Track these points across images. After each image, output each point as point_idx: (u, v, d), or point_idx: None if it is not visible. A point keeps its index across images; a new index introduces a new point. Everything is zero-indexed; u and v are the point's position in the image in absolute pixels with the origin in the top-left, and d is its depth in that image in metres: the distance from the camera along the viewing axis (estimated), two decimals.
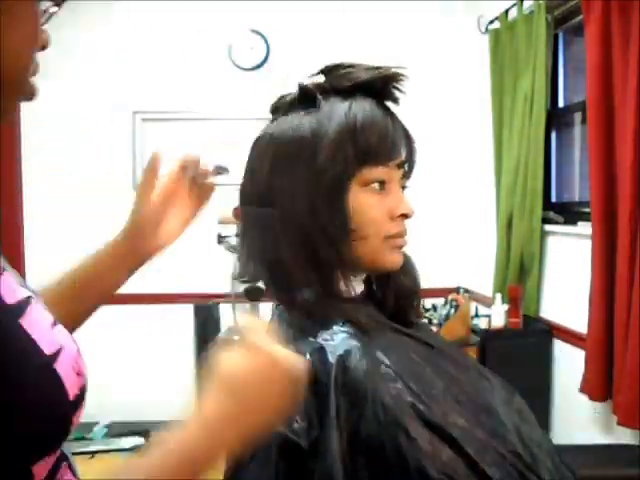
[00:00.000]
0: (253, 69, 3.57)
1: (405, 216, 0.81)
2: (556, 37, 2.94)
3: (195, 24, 3.52)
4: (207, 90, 3.53)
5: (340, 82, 0.78)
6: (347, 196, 0.77)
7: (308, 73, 0.83)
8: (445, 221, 3.57)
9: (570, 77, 2.98)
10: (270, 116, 0.86)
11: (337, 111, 0.77)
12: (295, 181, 0.76)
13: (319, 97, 0.78)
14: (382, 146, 0.78)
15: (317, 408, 0.67)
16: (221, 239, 2.73)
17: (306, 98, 0.79)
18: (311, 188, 0.75)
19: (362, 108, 0.77)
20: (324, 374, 0.69)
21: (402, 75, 0.79)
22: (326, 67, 0.81)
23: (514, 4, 3.00)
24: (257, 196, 0.79)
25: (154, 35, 3.54)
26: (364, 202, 0.78)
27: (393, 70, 0.79)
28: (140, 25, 3.57)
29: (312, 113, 0.78)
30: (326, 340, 0.73)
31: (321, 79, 0.81)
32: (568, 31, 2.93)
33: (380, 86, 0.79)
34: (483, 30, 3.34)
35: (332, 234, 0.76)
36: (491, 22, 3.26)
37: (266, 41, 3.54)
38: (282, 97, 0.83)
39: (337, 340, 0.73)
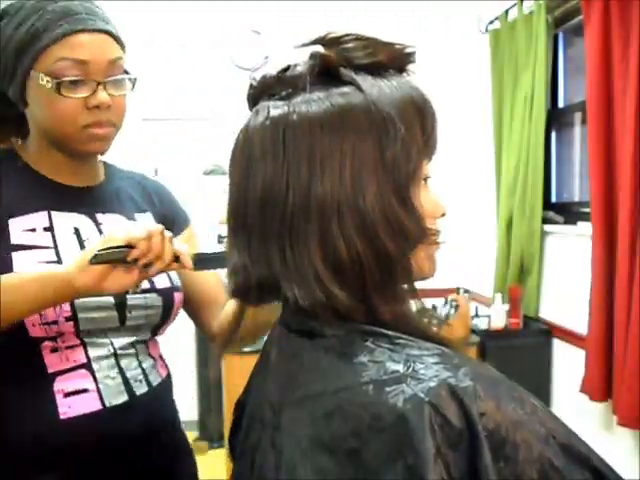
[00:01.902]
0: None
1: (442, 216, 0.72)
2: (556, 37, 2.94)
3: (195, 24, 3.52)
4: (207, 90, 3.53)
5: (359, 57, 0.65)
6: (419, 192, 0.65)
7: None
8: (445, 221, 3.57)
9: (570, 77, 2.98)
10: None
11: (387, 91, 0.63)
12: (360, 174, 0.61)
13: (345, 71, 0.64)
14: (437, 136, 0.68)
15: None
16: (221, 239, 2.73)
17: (325, 72, 0.65)
18: (383, 182, 0.61)
19: (410, 88, 0.66)
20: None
21: (414, 55, 0.69)
22: (325, 38, 0.66)
23: (514, 4, 3.00)
24: (295, 189, 0.61)
25: (154, 35, 3.54)
26: (427, 200, 0.68)
27: (409, 49, 0.68)
28: (140, 25, 3.57)
29: (351, 91, 0.63)
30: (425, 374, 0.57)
31: (319, 49, 0.66)
32: (568, 31, 2.93)
33: (398, 65, 0.68)
34: (483, 30, 3.34)
35: (412, 237, 0.63)
36: (491, 22, 3.26)
37: (266, 41, 3.54)
38: (285, 69, 0.67)
39: (430, 372, 0.57)
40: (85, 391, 0.96)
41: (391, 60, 0.66)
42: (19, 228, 0.97)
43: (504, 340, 2.84)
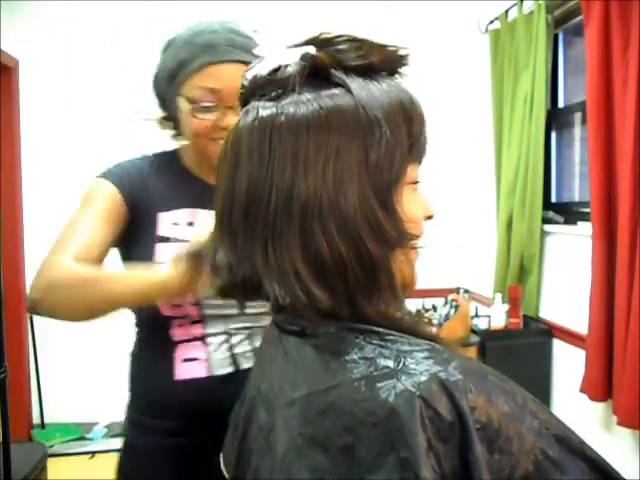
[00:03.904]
0: None
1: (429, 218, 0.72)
2: (556, 37, 2.94)
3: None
4: None
5: (351, 59, 0.65)
6: (401, 197, 0.65)
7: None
8: (445, 221, 3.57)
9: (570, 77, 2.97)
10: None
11: (377, 94, 0.63)
12: (342, 175, 0.61)
13: (336, 73, 0.64)
14: (426, 141, 0.68)
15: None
16: None
17: (315, 73, 0.65)
18: (365, 185, 0.61)
19: (400, 91, 0.66)
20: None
21: (408, 57, 0.70)
22: (318, 39, 0.66)
23: (514, 4, 3.00)
24: (278, 190, 0.61)
25: (154, 35, 3.54)
26: (411, 204, 0.67)
27: (402, 52, 0.69)
28: (140, 25, 3.57)
29: (340, 93, 0.63)
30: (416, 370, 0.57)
31: (311, 50, 0.66)
32: (568, 31, 2.93)
33: (390, 67, 0.68)
34: (483, 30, 3.34)
35: (391, 240, 0.63)
36: (491, 22, 3.26)
37: (266, 42, 3.53)
38: (276, 70, 0.66)
39: (421, 367, 0.57)
40: (197, 359, 1.12)
41: (383, 62, 0.67)
42: (167, 221, 1.12)
43: (504, 340, 2.84)
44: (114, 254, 1.15)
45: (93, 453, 3.46)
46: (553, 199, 3.05)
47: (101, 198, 1.11)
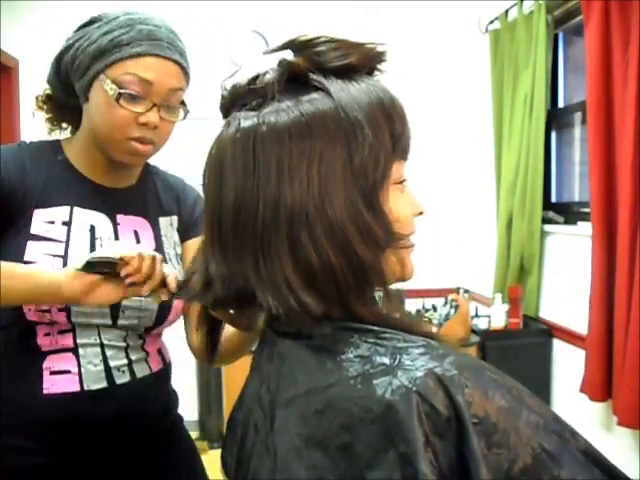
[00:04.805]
0: None
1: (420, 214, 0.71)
2: (556, 37, 2.94)
3: (195, 24, 3.52)
4: (207, 90, 3.53)
5: (330, 60, 0.64)
6: (387, 197, 0.64)
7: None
8: (445, 221, 3.57)
9: (570, 77, 2.97)
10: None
11: (356, 95, 0.63)
12: (327, 181, 0.61)
13: (314, 77, 0.64)
14: (409, 138, 0.67)
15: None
16: None
17: (294, 78, 0.65)
18: (351, 188, 0.61)
19: (379, 91, 0.65)
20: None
21: (386, 54, 0.69)
22: (296, 42, 0.66)
23: (514, 4, 3.00)
24: (264, 200, 0.61)
25: None
26: (398, 203, 0.67)
27: (380, 48, 0.68)
28: None
29: (320, 97, 0.63)
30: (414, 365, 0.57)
31: (288, 55, 0.66)
32: (568, 31, 2.93)
33: (369, 65, 0.68)
34: (483, 30, 3.34)
35: (380, 242, 0.62)
36: (491, 22, 3.26)
37: (266, 42, 3.53)
38: (255, 78, 0.66)
39: (417, 363, 0.57)
40: (68, 372, 1.03)
41: (362, 61, 0.66)
42: (41, 219, 1.04)
43: (504, 340, 2.84)
44: None
45: None
46: (553, 199, 3.05)
47: None
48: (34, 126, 1.15)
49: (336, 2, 3.49)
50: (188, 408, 3.27)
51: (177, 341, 1.34)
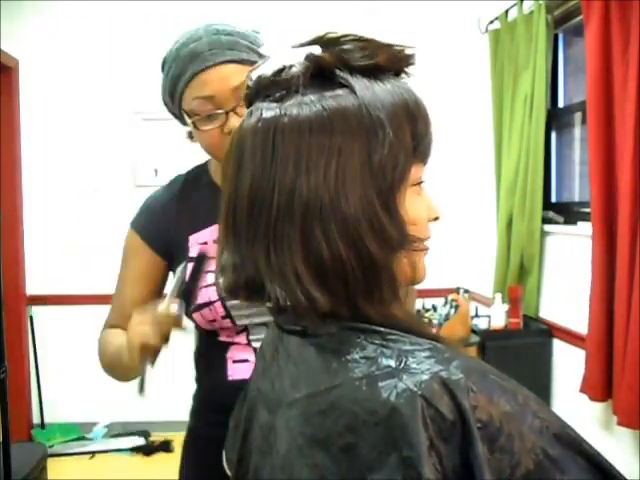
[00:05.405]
0: None
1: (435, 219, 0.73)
2: (556, 37, 2.94)
3: (195, 24, 3.52)
4: None
5: (357, 59, 0.64)
6: (404, 198, 0.64)
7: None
8: (445, 221, 3.57)
9: (570, 77, 2.98)
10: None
11: (380, 95, 0.63)
12: (344, 177, 0.61)
13: (340, 73, 0.64)
14: (431, 142, 0.68)
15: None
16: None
17: (319, 73, 0.65)
18: (367, 186, 0.61)
19: (404, 92, 0.65)
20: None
21: (414, 57, 0.69)
22: (324, 38, 0.66)
23: (514, 4, 3.00)
24: (280, 190, 0.61)
25: (155, 35, 3.54)
26: (414, 205, 0.67)
27: (408, 51, 0.68)
28: (141, 25, 3.57)
29: (344, 94, 0.63)
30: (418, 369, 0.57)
31: (316, 50, 0.66)
32: (568, 31, 2.93)
33: (396, 67, 0.68)
34: (483, 30, 3.34)
35: (393, 243, 0.62)
36: (491, 22, 3.26)
37: (267, 42, 3.53)
38: (280, 70, 0.67)
39: (423, 366, 0.57)
40: (246, 361, 1.15)
41: (389, 62, 0.66)
42: (195, 241, 1.15)
43: (504, 340, 2.84)
44: None
45: (93, 453, 3.47)
46: (553, 199, 3.05)
47: (132, 257, 1.20)
48: (34, 126, 1.14)
49: (336, 2, 3.49)
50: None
51: (178, 341, 1.34)
